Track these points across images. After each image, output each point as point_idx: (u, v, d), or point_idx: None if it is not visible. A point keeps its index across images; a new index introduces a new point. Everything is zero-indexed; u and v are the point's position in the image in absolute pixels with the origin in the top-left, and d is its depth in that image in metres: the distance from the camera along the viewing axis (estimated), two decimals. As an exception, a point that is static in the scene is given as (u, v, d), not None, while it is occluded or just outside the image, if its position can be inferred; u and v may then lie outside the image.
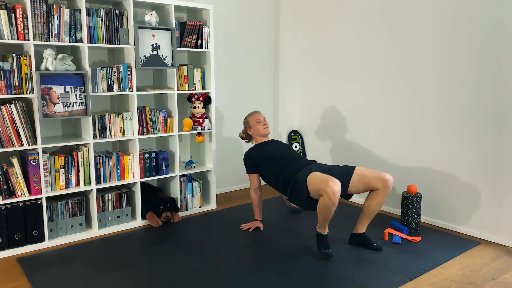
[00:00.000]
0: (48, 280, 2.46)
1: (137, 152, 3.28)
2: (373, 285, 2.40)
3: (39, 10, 2.77)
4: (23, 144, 2.81)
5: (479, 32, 2.99)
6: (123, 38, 3.15)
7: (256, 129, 3.30)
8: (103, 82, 3.09)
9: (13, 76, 2.72)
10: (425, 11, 3.30)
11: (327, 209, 2.58)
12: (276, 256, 2.77)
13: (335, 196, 2.53)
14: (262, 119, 3.31)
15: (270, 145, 3.24)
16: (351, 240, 2.95)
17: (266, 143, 3.26)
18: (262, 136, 3.30)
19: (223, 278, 2.48)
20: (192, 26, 3.47)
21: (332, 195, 2.52)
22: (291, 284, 2.40)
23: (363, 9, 3.75)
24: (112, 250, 2.87)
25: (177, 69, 3.46)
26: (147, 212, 3.35)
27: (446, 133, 3.25)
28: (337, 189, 2.53)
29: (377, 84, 3.71)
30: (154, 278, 2.48)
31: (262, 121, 3.30)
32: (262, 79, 4.49)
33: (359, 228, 2.92)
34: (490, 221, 3.06)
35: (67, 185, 3.04)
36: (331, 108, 4.14)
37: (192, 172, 3.64)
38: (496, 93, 2.94)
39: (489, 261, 2.73)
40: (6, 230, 2.80)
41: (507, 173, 2.94)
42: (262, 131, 3.28)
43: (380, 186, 2.75)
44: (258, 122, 3.29)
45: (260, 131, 3.28)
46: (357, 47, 3.84)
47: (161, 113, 3.40)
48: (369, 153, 3.83)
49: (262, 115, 3.35)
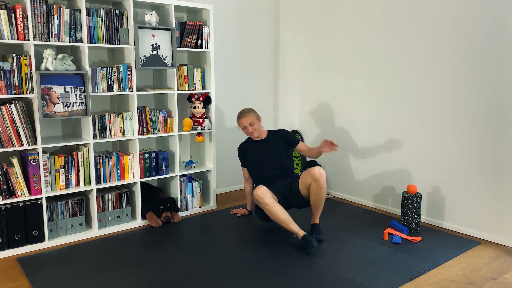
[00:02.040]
0: (48, 280, 2.46)
1: (137, 152, 3.28)
2: (373, 285, 2.40)
3: (39, 10, 2.77)
4: (23, 144, 2.81)
5: (479, 32, 2.99)
6: (123, 38, 3.15)
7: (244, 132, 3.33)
8: (103, 82, 3.09)
9: (13, 76, 2.72)
10: (426, 11, 3.30)
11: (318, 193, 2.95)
12: (276, 256, 2.77)
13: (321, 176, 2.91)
14: (247, 125, 3.25)
15: (258, 147, 3.33)
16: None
17: (257, 143, 3.35)
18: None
19: (223, 278, 2.48)
20: (192, 26, 3.47)
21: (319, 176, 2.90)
22: (291, 284, 2.40)
23: (363, 9, 3.75)
24: (112, 250, 2.87)
25: (177, 69, 3.46)
26: (147, 212, 3.35)
27: (446, 133, 3.25)
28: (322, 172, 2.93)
29: (377, 84, 3.71)
30: (154, 278, 2.48)
31: (247, 127, 3.27)
32: (262, 79, 4.49)
33: (312, 219, 3.13)
34: (490, 221, 3.06)
35: (67, 185, 3.04)
36: (331, 108, 4.14)
37: (192, 172, 3.64)
38: (496, 93, 2.94)
39: (489, 261, 2.73)
40: (6, 230, 2.80)
41: (507, 173, 2.94)
42: (250, 136, 3.34)
43: (310, 181, 2.95)
44: (243, 128, 3.30)
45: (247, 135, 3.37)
46: (357, 47, 3.84)
47: (161, 113, 3.40)
48: (369, 153, 3.83)
49: (246, 119, 3.25)
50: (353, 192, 4.03)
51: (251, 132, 3.27)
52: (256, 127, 3.28)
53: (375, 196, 3.83)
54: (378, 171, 3.78)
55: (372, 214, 3.62)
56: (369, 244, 2.97)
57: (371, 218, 3.51)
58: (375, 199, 3.84)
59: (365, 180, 3.90)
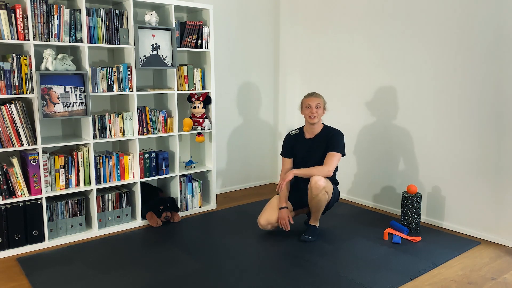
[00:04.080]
0: (48, 280, 2.46)
1: (137, 152, 3.28)
2: (373, 285, 2.40)
3: (39, 10, 2.77)
4: (23, 144, 2.81)
5: (481, 33, 2.99)
6: (123, 38, 3.15)
7: (304, 113, 3.08)
8: (103, 82, 3.09)
9: (13, 76, 2.72)
10: (429, 12, 3.29)
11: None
12: (276, 256, 2.77)
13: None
14: (313, 105, 3.01)
15: (304, 144, 3.11)
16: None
17: (305, 141, 3.12)
18: (308, 123, 3.10)
19: (223, 278, 2.48)
20: (192, 26, 3.47)
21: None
22: (291, 284, 2.40)
23: (363, 8, 3.75)
24: (112, 250, 2.87)
25: (177, 69, 3.46)
26: (147, 212, 3.35)
27: (447, 133, 3.25)
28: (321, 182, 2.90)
29: (377, 84, 3.71)
30: (154, 278, 2.48)
31: (312, 107, 3.01)
32: (262, 79, 4.49)
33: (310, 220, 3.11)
34: (490, 221, 3.06)
35: (67, 185, 3.04)
36: (332, 107, 4.13)
37: (192, 172, 3.64)
38: (497, 93, 2.94)
39: (489, 261, 2.73)
40: (6, 230, 2.80)
41: (507, 173, 2.94)
42: (308, 118, 3.06)
43: (308, 187, 2.94)
44: (307, 107, 3.04)
45: (306, 118, 3.08)
46: (357, 47, 3.84)
47: (161, 113, 3.40)
48: (369, 153, 3.83)
49: (316, 99, 3.03)
50: (353, 192, 4.03)
51: (314, 113, 3.00)
52: (320, 112, 3.04)
53: (375, 196, 3.83)
54: (378, 171, 3.78)
55: (372, 214, 3.62)
56: (369, 244, 2.97)
57: (371, 218, 3.51)
58: (375, 199, 3.84)
59: (365, 180, 3.90)
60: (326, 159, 3.01)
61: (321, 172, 2.94)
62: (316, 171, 2.95)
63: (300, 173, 3.00)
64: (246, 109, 4.40)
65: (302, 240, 3.01)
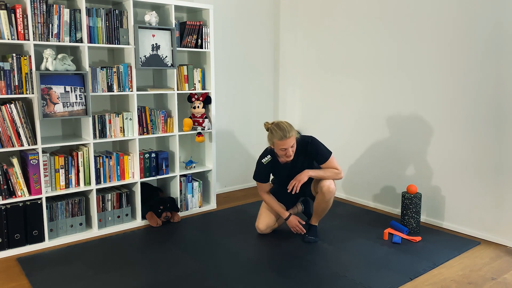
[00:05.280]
0: (48, 280, 2.46)
1: (137, 152, 3.28)
2: (373, 285, 2.40)
3: (39, 10, 2.77)
4: (23, 144, 2.81)
5: (479, 32, 2.99)
6: (123, 38, 3.15)
7: (278, 152, 2.84)
8: (103, 82, 3.09)
9: (13, 76, 2.72)
10: (427, 11, 3.29)
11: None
12: (276, 256, 2.77)
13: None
14: (289, 148, 2.78)
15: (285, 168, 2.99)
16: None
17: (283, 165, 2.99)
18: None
19: (223, 278, 2.48)
20: (192, 26, 3.47)
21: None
22: (291, 284, 2.40)
23: (363, 8, 3.75)
24: (112, 250, 2.87)
25: (177, 69, 3.46)
26: (147, 212, 3.35)
27: (446, 133, 3.25)
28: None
29: (377, 83, 3.71)
30: (154, 278, 2.48)
31: (287, 150, 2.79)
32: (262, 79, 4.49)
33: (311, 220, 3.10)
34: (490, 221, 3.06)
35: (67, 185, 3.04)
36: (332, 107, 4.14)
37: (192, 172, 3.64)
38: (496, 93, 2.94)
39: (489, 261, 2.73)
40: (6, 230, 2.80)
41: (507, 173, 2.94)
42: (284, 158, 2.87)
43: (319, 190, 2.93)
44: (282, 150, 2.79)
45: (281, 158, 2.92)
46: (357, 47, 3.84)
47: (161, 113, 3.40)
48: (370, 153, 3.83)
49: (290, 140, 2.75)
50: (353, 192, 4.03)
51: (290, 155, 2.80)
52: (294, 148, 2.83)
53: (375, 196, 3.83)
54: (378, 171, 3.78)
55: (372, 214, 3.62)
56: (369, 244, 2.97)
57: (371, 218, 3.51)
58: (375, 199, 3.84)
59: (365, 180, 3.90)
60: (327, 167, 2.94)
61: (334, 177, 2.94)
62: (330, 174, 2.92)
63: (315, 174, 2.90)
64: (246, 109, 4.40)
65: (307, 241, 3.00)
